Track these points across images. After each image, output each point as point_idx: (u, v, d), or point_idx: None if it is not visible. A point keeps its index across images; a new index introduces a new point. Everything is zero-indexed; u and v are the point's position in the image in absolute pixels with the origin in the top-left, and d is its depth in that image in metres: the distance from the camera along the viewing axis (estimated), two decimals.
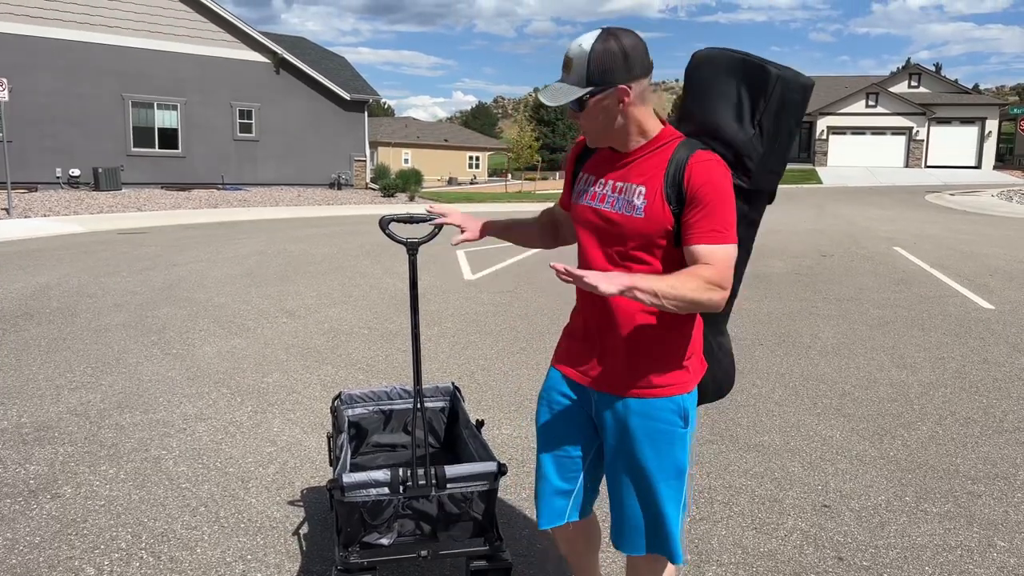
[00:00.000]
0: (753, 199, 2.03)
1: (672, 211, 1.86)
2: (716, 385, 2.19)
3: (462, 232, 2.30)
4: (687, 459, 2.04)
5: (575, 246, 2.17)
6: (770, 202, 2.10)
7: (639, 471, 2.01)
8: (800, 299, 8.38)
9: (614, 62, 1.83)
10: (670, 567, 2.14)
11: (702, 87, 2.04)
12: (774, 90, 1.97)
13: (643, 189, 1.90)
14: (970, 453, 4.12)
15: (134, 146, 24.20)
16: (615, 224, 1.94)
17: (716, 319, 2.15)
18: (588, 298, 2.04)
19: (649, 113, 1.92)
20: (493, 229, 2.38)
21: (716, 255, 1.82)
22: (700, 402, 2.14)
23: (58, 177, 22.65)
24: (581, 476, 2.15)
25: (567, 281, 1.66)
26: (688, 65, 2.10)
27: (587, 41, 1.84)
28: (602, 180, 1.99)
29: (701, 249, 1.83)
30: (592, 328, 2.04)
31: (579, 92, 1.85)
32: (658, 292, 1.72)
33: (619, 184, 1.95)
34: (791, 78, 1.98)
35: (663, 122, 1.97)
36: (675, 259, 1.90)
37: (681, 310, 1.79)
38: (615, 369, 2.00)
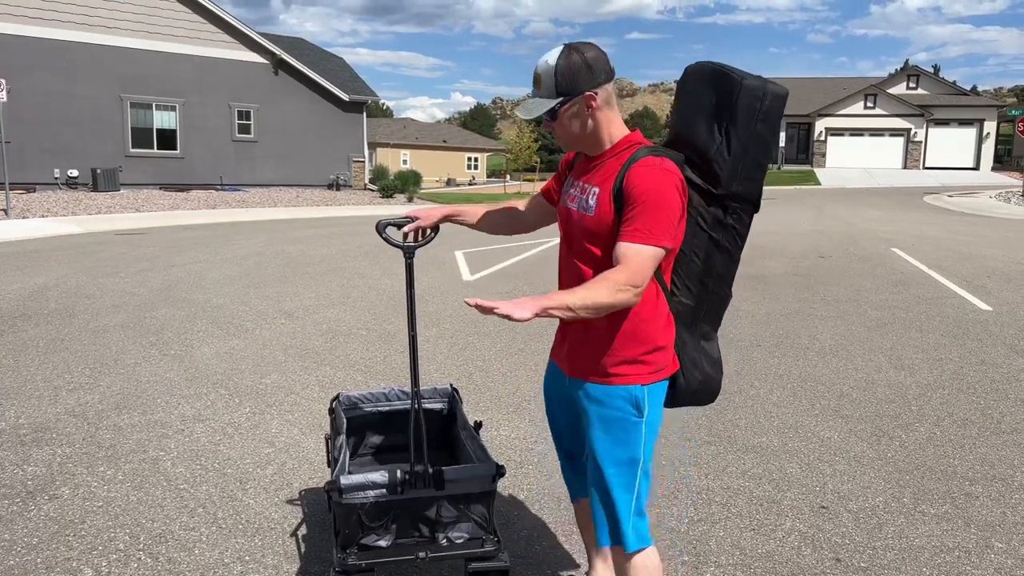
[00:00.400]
0: (728, 205, 2.11)
1: (615, 209, 2.02)
2: (690, 391, 2.23)
3: (412, 222, 2.53)
4: (640, 449, 2.13)
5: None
6: (756, 209, 2.15)
7: (594, 455, 2.15)
8: (798, 300, 8.39)
9: (579, 72, 2.01)
10: (648, 561, 2.19)
11: (684, 98, 2.19)
12: (738, 98, 2.04)
13: (597, 190, 2.07)
14: (968, 454, 4.13)
15: (132, 147, 24.19)
16: (574, 222, 2.14)
17: (702, 325, 2.24)
18: (562, 283, 2.22)
19: (616, 118, 2.10)
20: (447, 213, 2.58)
21: (631, 253, 1.94)
22: (672, 403, 2.22)
23: (56, 178, 22.64)
24: (585, 452, 2.30)
25: (484, 312, 1.80)
26: (682, 76, 2.26)
27: (552, 57, 2.03)
28: (577, 183, 2.18)
29: (621, 247, 1.97)
30: (564, 318, 2.17)
31: (550, 103, 2.03)
32: (570, 305, 1.88)
33: (584, 185, 2.14)
34: (756, 86, 2.04)
35: (630, 129, 2.13)
36: None
37: (600, 314, 1.96)
38: (579, 356, 2.17)
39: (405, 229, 2.49)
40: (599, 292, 1.91)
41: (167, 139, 24.99)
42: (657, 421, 2.15)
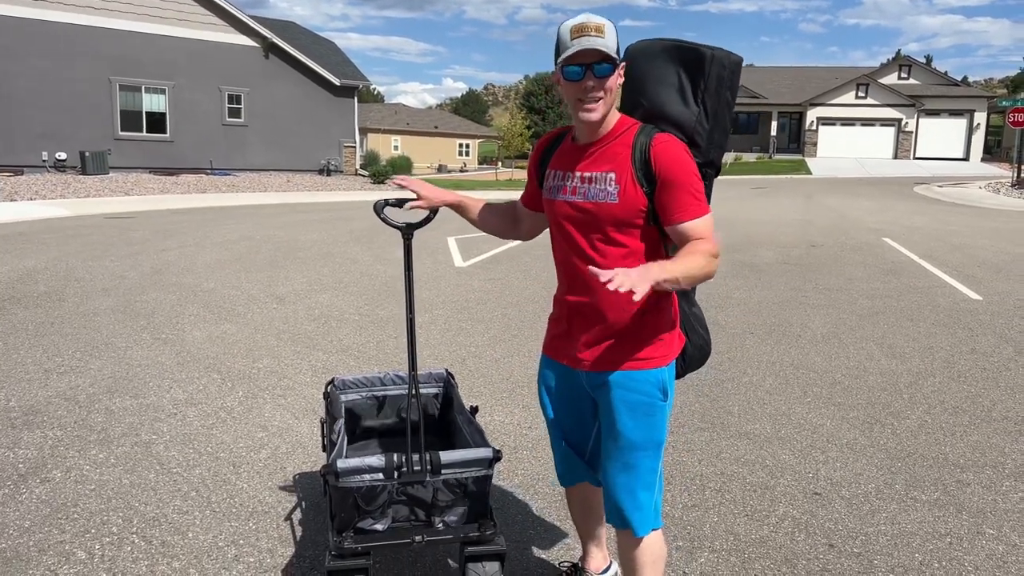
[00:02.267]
0: (705, 172, 2.15)
1: (644, 192, 1.99)
2: (700, 352, 2.32)
3: (417, 199, 2.43)
4: (664, 431, 2.16)
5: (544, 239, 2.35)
6: (717, 175, 2.22)
7: (619, 442, 2.12)
8: (790, 288, 8.41)
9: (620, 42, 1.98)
10: (656, 543, 2.21)
11: (642, 77, 2.17)
12: (711, 69, 2.11)
13: (613, 175, 2.01)
14: (959, 442, 4.15)
15: (121, 130, 23.98)
16: (591, 213, 2.04)
17: (687, 291, 2.28)
18: (570, 281, 2.16)
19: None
20: (452, 201, 2.47)
21: (702, 227, 1.98)
22: (687, 370, 2.30)
23: (44, 161, 22.43)
24: (589, 446, 2.34)
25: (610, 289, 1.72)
26: (624, 59, 2.20)
27: (600, 17, 1.96)
28: (571, 173, 2.09)
29: (687, 226, 1.98)
30: (576, 310, 2.16)
31: (614, 55, 1.94)
32: (678, 278, 1.84)
33: (587, 174, 2.06)
34: (723, 56, 2.13)
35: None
36: (651, 236, 2.06)
37: (693, 284, 1.97)
38: (599, 348, 2.11)
39: (409, 206, 2.43)
40: (699, 263, 1.90)
41: (156, 122, 24.78)
42: (672, 401, 2.21)
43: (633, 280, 1.69)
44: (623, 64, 2.01)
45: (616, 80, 1.98)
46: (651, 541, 2.20)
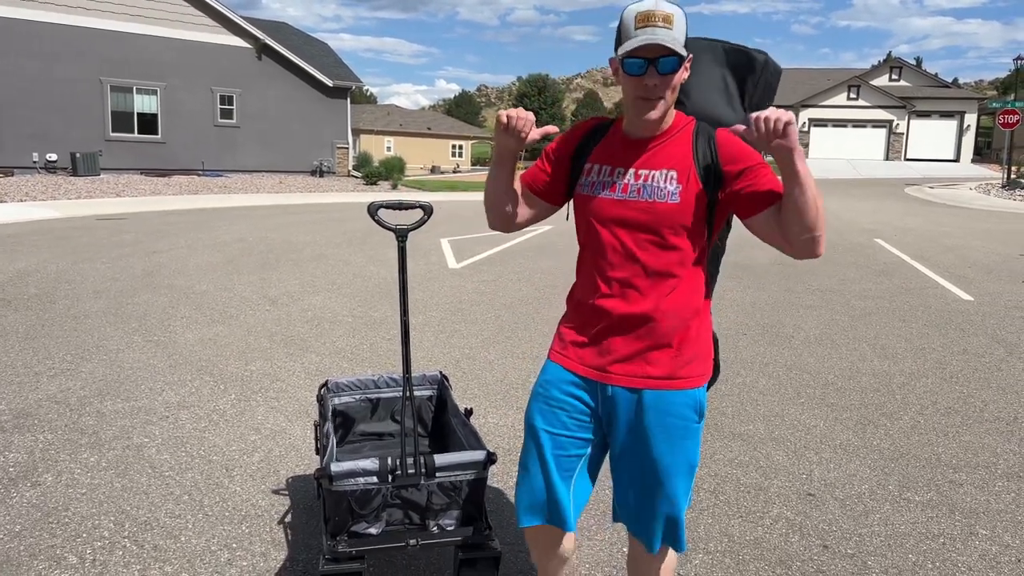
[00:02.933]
0: None
1: (707, 192, 1.85)
2: (717, 370, 2.16)
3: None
4: (699, 453, 2.02)
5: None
6: None
7: (652, 467, 1.95)
8: (783, 290, 8.43)
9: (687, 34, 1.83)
10: (672, 555, 2.14)
11: (694, 75, 2.03)
12: (762, 75, 2.04)
13: (674, 173, 1.86)
14: (951, 442, 4.17)
15: (112, 131, 23.90)
16: (648, 212, 1.87)
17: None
18: (604, 284, 1.94)
19: None
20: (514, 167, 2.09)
21: None
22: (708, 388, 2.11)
23: (35, 162, 22.32)
24: (575, 476, 2.03)
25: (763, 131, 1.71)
26: None
27: (670, 4, 1.79)
28: (621, 170, 1.91)
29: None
30: (608, 316, 1.94)
31: (681, 51, 1.77)
32: (805, 178, 1.77)
33: (643, 172, 1.89)
34: (773, 64, 2.05)
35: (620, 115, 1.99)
36: (703, 241, 1.92)
37: (808, 206, 1.79)
38: (634, 360, 1.92)
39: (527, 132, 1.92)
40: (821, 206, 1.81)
41: (148, 123, 24.70)
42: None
43: (780, 116, 1.68)
44: (689, 58, 1.83)
45: (681, 76, 1.82)
46: (674, 555, 2.13)
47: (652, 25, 1.74)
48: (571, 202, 2.05)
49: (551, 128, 1.92)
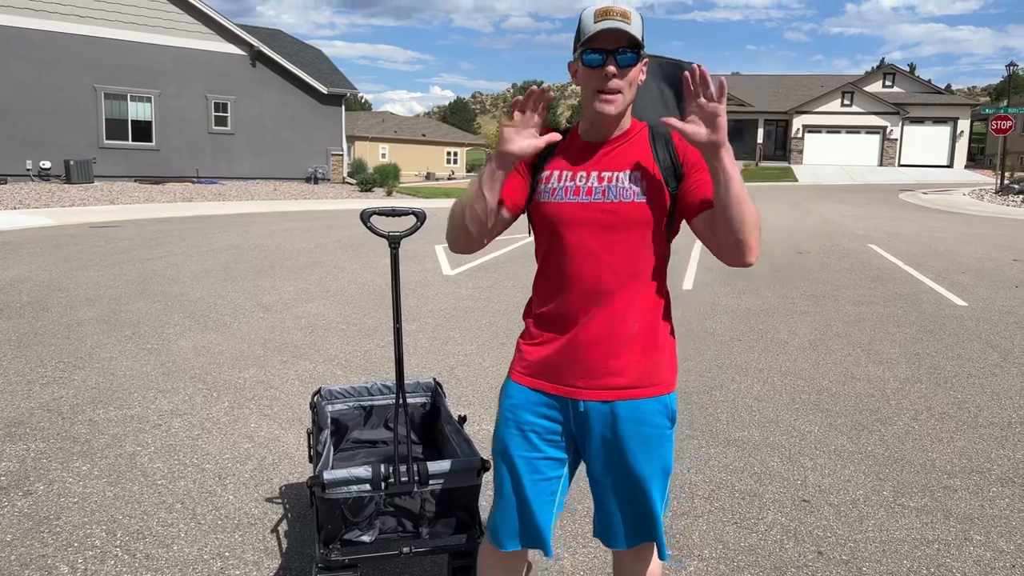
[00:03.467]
0: None
1: (669, 190, 1.87)
2: None
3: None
4: (672, 458, 2.01)
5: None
6: None
7: (629, 476, 1.94)
8: (777, 295, 8.44)
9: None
10: (656, 563, 2.12)
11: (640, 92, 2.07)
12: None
13: (638, 174, 1.86)
14: (946, 448, 4.17)
15: (107, 138, 23.84)
16: (614, 213, 1.85)
17: None
18: (571, 292, 1.89)
19: None
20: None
21: None
22: None
23: (28, 169, 22.26)
24: (556, 498, 1.99)
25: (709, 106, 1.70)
26: None
27: (627, 5, 1.82)
28: (583, 173, 1.89)
29: None
30: (572, 331, 1.90)
31: (640, 42, 1.79)
32: (735, 177, 1.77)
33: (606, 173, 1.88)
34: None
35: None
36: (666, 244, 1.93)
37: (737, 205, 1.77)
38: (604, 372, 1.89)
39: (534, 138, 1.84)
40: (755, 210, 1.81)
41: (142, 131, 24.65)
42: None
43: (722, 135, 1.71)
44: (646, 60, 1.85)
45: (639, 73, 1.83)
46: (657, 562, 2.11)
47: (611, 19, 1.77)
48: (528, 214, 1.99)
49: (555, 136, 1.89)
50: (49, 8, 22.27)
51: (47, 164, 22.55)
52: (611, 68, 1.78)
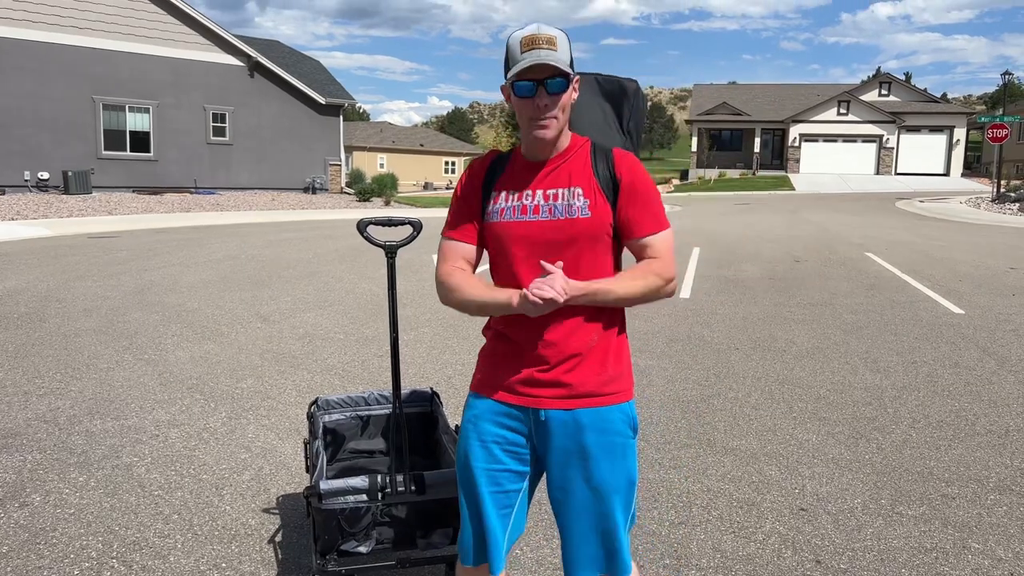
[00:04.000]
0: None
1: (610, 204, 1.92)
2: None
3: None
4: (636, 468, 2.00)
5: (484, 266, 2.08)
6: None
7: (594, 488, 1.93)
8: (774, 304, 8.45)
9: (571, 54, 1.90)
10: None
11: (578, 112, 2.12)
12: (635, 100, 2.20)
13: (580, 190, 1.91)
14: (943, 456, 4.17)
15: (105, 149, 23.89)
16: (561, 230, 1.89)
17: None
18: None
19: None
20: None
21: (661, 243, 1.93)
22: None
23: (26, 180, 22.29)
24: (513, 512, 1.99)
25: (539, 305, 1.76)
26: None
27: (552, 28, 1.86)
28: (529, 192, 1.93)
29: (648, 240, 1.93)
30: (531, 342, 1.92)
31: (567, 70, 1.84)
32: (619, 296, 1.87)
33: (551, 191, 1.92)
34: (640, 89, 2.24)
35: None
36: (614, 256, 1.97)
37: (628, 305, 1.91)
38: (562, 383, 1.91)
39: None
40: (647, 282, 1.88)
41: (140, 141, 24.71)
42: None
43: (560, 287, 1.76)
44: (577, 78, 1.91)
45: (570, 95, 1.89)
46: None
47: (537, 48, 1.82)
48: (480, 234, 2.03)
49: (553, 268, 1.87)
50: (48, 20, 22.35)
51: (45, 175, 22.58)
52: (542, 100, 1.84)
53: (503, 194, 1.97)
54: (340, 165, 29.61)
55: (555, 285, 1.77)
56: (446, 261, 2.03)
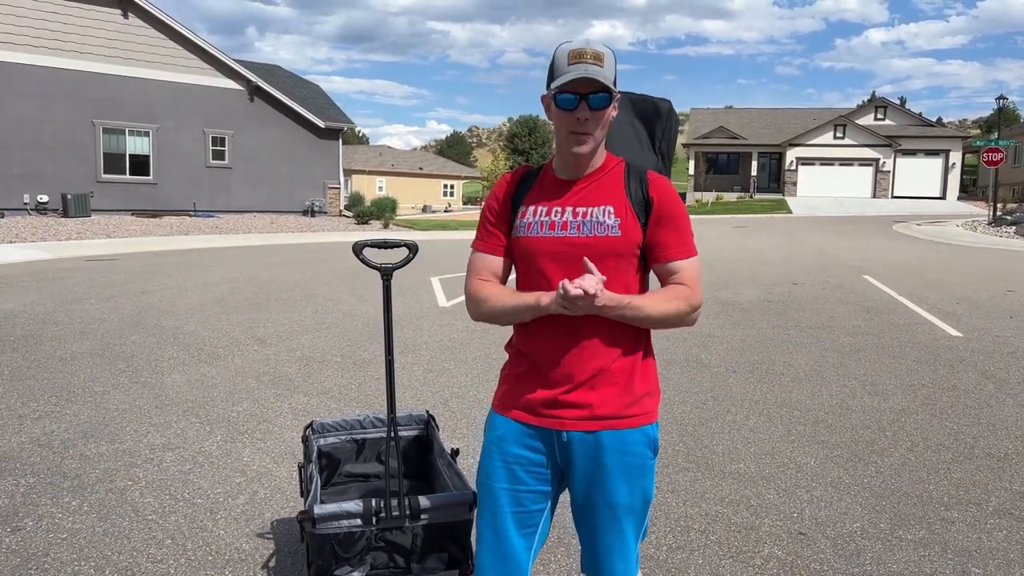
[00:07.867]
0: None
1: (641, 225, 1.92)
2: None
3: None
4: (653, 487, 2.03)
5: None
6: None
7: (612, 508, 1.95)
8: (772, 327, 8.44)
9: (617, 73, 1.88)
10: None
11: (612, 130, 2.13)
12: (668, 120, 2.19)
13: (611, 208, 1.91)
14: (943, 479, 4.14)
15: (104, 172, 23.97)
16: (589, 247, 1.88)
17: None
18: (552, 329, 1.92)
19: None
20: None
21: (689, 269, 1.93)
22: None
23: (25, 203, 22.33)
24: (537, 532, 1.99)
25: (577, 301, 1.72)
26: None
27: (601, 44, 1.85)
28: (559, 208, 1.93)
29: (676, 265, 1.92)
30: (555, 360, 1.92)
31: (611, 87, 1.83)
32: (649, 314, 1.85)
33: (581, 208, 1.92)
34: (673, 109, 2.21)
35: None
36: (642, 277, 1.97)
37: (657, 327, 1.91)
38: (585, 403, 1.91)
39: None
40: (677, 306, 1.88)
41: (140, 165, 24.79)
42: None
43: (600, 286, 1.74)
44: (618, 95, 1.90)
45: (611, 112, 1.88)
46: None
47: (584, 62, 1.81)
48: (508, 248, 2.03)
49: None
50: (49, 44, 22.51)
51: (44, 198, 22.63)
52: (583, 114, 1.83)
53: (532, 208, 1.97)
54: (339, 188, 29.70)
55: (597, 282, 1.75)
56: (475, 274, 2.04)
